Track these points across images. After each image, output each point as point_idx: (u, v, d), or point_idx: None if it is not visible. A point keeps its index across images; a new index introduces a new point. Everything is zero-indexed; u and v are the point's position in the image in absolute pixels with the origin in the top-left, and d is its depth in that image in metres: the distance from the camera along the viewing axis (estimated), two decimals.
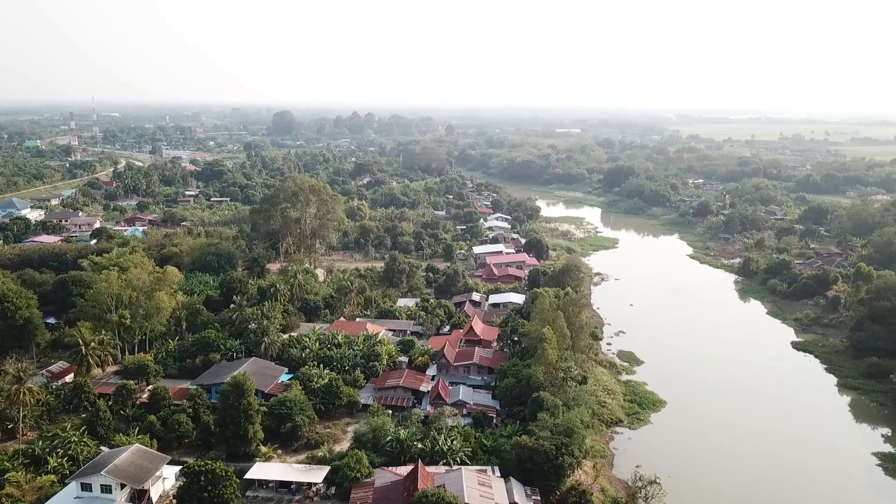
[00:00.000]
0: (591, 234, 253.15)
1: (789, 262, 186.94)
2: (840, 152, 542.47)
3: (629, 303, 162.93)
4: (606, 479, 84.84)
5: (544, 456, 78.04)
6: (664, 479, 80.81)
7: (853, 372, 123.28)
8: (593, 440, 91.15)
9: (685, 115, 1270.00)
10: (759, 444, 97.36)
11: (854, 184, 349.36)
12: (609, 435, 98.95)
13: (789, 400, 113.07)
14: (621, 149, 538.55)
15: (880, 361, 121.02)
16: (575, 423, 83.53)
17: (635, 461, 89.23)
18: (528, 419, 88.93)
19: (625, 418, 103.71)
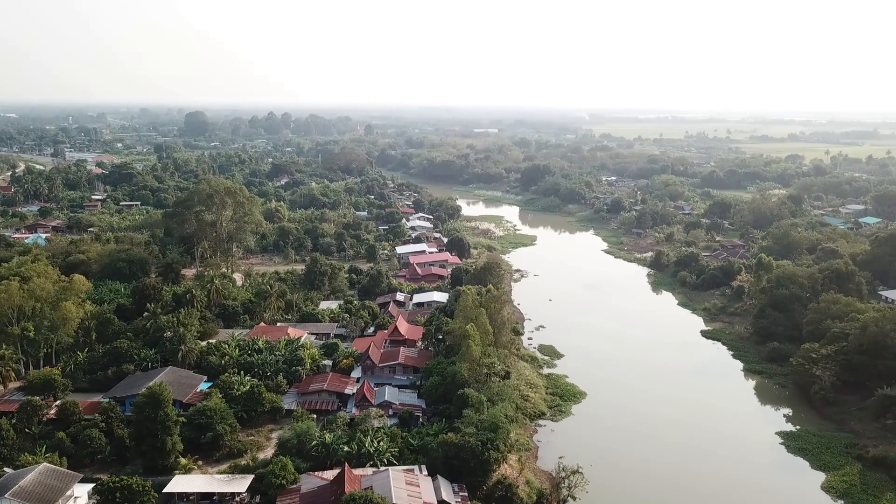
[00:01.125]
0: (511, 231, 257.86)
1: (697, 254, 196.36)
2: (741, 149, 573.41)
3: (548, 298, 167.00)
4: (531, 472, 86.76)
5: (470, 452, 79.13)
6: (586, 468, 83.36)
7: (757, 357, 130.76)
8: (518, 434, 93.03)
9: (598, 114, 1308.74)
10: (674, 428, 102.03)
11: (754, 179, 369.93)
12: (533, 428, 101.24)
13: (700, 385, 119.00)
14: (537, 148, 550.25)
15: (781, 346, 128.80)
16: (499, 418, 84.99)
17: (558, 452, 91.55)
18: (454, 416, 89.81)
19: (547, 411, 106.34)
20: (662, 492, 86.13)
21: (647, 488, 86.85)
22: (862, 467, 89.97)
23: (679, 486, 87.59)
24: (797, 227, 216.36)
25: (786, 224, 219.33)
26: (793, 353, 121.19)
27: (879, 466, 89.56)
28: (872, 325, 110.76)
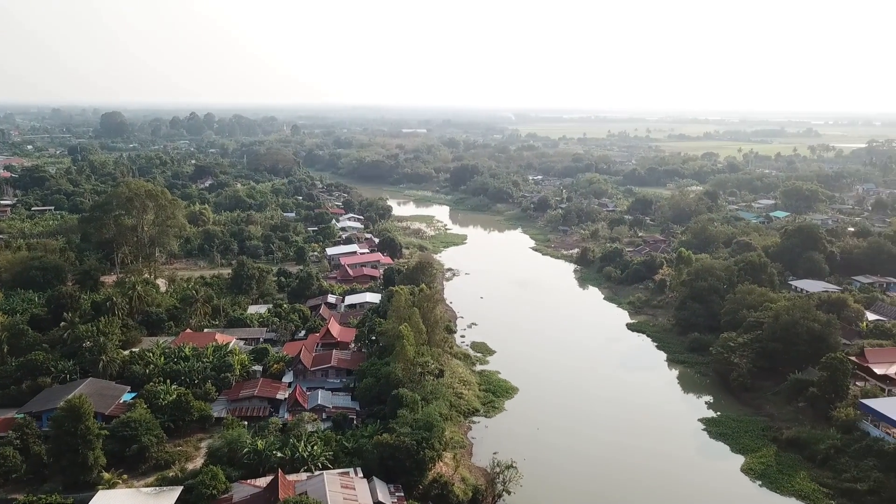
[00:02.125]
0: (442, 231, 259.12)
1: (621, 250, 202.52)
2: (660, 148, 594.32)
3: (480, 295, 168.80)
4: (466, 469, 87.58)
5: (406, 452, 79.21)
6: (520, 462, 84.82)
7: (679, 347, 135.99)
8: (452, 431, 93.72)
9: (523, 114, 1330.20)
10: (603, 419, 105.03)
11: (673, 176, 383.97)
12: (467, 425, 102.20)
13: (627, 377, 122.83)
14: (465, 148, 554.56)
15: (701, 336, 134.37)
16: (434, 416, 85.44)
17: (493, 448, 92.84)
18: (389, 417, 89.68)
19: (481, 407, 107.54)
20: (594, 481, 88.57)
21: (579, 478, 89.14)
22: (777, 449, 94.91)
23: (609, 474, 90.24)
24: (714, 221, 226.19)
25: (703, 219, 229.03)
26: (712, 343, 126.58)
27: (793, 447, 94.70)
28: (784, 313, 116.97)
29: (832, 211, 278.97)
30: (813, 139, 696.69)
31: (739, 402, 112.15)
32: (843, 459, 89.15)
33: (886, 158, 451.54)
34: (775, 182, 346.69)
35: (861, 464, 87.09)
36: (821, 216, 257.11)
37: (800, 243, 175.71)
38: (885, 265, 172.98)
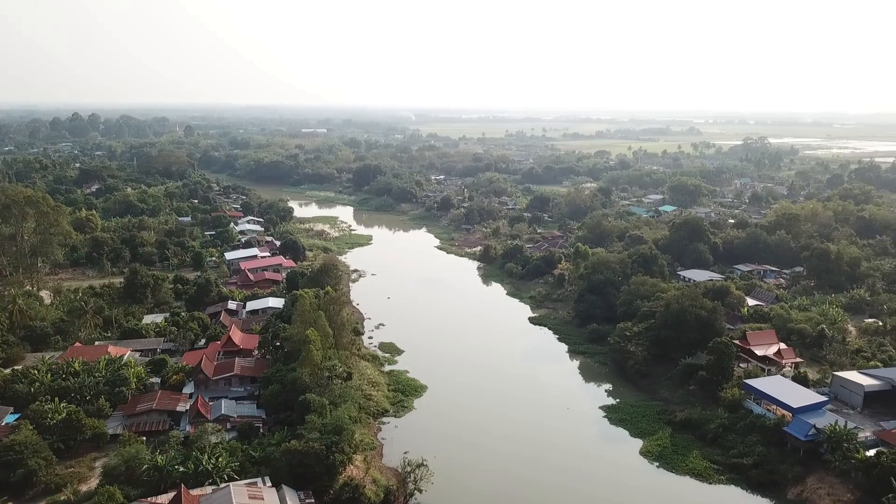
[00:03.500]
0: (346, 232, 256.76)
1: (522, 246, 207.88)
2: (555, 147, 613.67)
3: (387, 296, 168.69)
4: (377, 470, 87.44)
5: (315, 457, 78.24)
6: (431, 460, 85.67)
7: (579, 339, 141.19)
8: (362, 434, 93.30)
9: (423, 114, 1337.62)
10: (510, 412, 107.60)
11: (568, 174, 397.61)
12: (377, 426, 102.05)
13: (531, 369, 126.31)
14: (367, 148, 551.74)
15: (599, 327, 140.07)
16: (343, 420, 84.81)
17: (403, 448, 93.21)
18: (297, 423, 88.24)
19: (390, 408, 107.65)
20: (503, 473, 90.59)
21: (489, 472, 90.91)
22: (672, 430, 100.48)
23: (517, 465, 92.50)
24: (608, 217, 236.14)
25: (598, 215, 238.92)
26: (610, 333, 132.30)
27: (686, 428, 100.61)
28: (674, 302, 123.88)
29: (714, 204, 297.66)
30: (695, 137, 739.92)
31: (636, 388, 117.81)
32: (731, 437, 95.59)
33: (760, 154, 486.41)
34: (663, 178, 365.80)
35: (746, 440, 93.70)
36: (704, 209, 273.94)
37: (686, 235, 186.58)
38: (762, 254, 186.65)
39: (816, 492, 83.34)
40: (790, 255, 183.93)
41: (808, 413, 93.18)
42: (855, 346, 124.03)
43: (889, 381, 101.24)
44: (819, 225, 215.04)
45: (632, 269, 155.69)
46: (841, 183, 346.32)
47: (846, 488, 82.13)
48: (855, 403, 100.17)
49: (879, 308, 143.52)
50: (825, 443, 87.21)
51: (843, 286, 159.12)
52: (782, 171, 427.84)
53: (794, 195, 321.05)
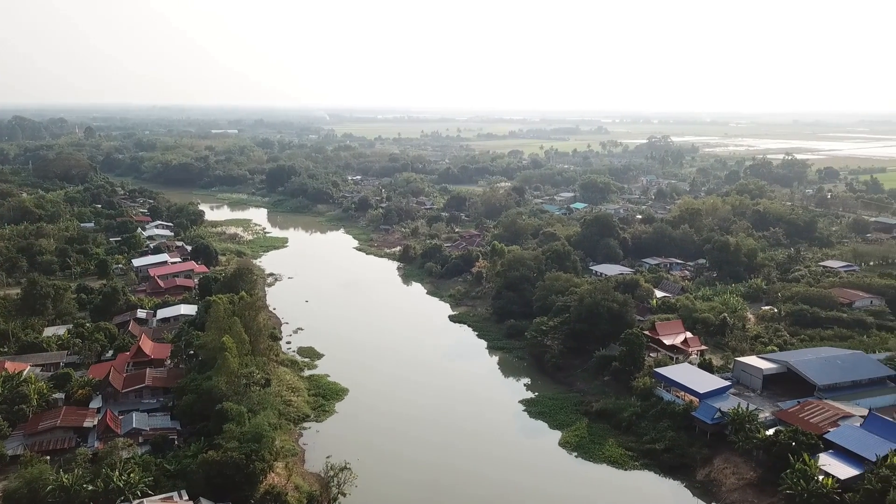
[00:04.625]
0: (260, 235, 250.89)
1: (440, 245, 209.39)
2: (470, 147, 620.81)
3: (305, 299, 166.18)
4: (300, 476, 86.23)
5: (234, 467, 76.32)
6: (354, 463, 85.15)
7: (498, 335, 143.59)
8: (283, 440, 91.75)
9: (337, 114, 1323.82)
10: (432, 409, 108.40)
11: (483, 174, 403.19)
12: (298, 432, 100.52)
13: (452, 367, 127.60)
14: (281, 149, 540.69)
15: (517, 323, 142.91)
16: (263, 427, 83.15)
17: (326, 452, 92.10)
18: (214, 433, 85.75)
19: (311, 413, 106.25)
20: (427, 471, 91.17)
21: (413, 470, 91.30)
22: (589, 421, 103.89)
23: (441, 463, 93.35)
24: (522, 215, 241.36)
25: (512, 213, 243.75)
26: (527, 328, 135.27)
27: (602, 418, 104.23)
28: (587, 296, 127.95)
29: (622, 201, 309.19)
30: (603, 136, 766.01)
31: (554, 381, 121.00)
32: (644, 424, 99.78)
33: (664, 152, 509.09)
34: (574, 176, 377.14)
35: (658, 426, 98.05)
36: (613, 206, 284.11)
37: (597, 232, 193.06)
38: (668, 247, 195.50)
39: (723, 471, 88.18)
40: (694, 247, 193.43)
41: (713, 398, 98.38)
42: (754, 332, 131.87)
43: (785, 364, 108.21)
44: (719, 219, 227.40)
45: (546, 265, 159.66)
46: (738, 179, 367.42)
47: (749, 466, 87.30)
48: (755, 386, 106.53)
49: (774, 296, 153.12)
50: (729, 425, 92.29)
51: (741, 276, 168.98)
52: (684, 168, 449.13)
53: (695, 191, 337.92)
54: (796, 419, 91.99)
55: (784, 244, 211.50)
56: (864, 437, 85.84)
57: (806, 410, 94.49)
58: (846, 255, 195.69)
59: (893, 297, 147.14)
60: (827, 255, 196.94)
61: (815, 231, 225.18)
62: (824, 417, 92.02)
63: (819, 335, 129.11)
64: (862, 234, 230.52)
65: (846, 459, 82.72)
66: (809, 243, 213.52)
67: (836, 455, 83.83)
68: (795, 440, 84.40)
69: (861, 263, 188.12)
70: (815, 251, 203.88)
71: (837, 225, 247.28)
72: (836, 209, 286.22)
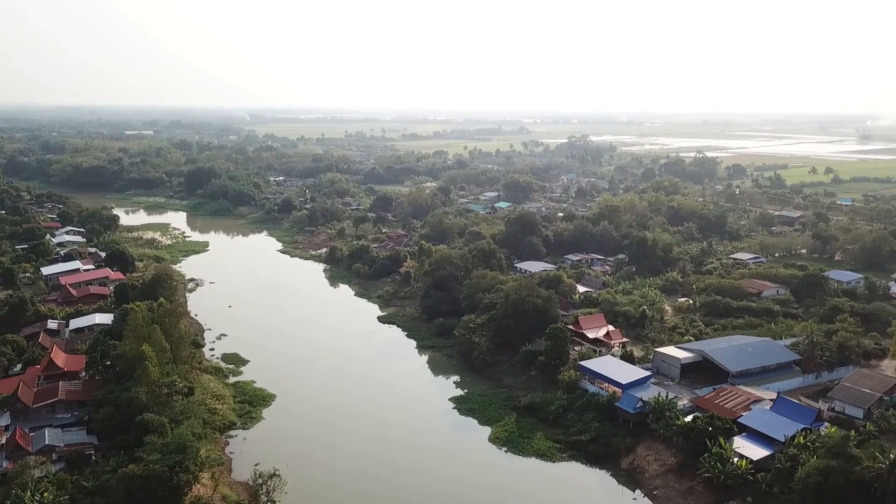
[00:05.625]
0: (180, 239, 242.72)
1: (367, 246, 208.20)
2: (395, 147, 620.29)
3: (228, 304, 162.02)
4: (227, 486, 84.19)
5: (157, 480, 73.76)
6: (283, 469, 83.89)
7: (427, 334, 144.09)
8: (208, 450, 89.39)
9: (258, 114, 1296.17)
10: (362, 411, 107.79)
11: (409, 174, 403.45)
12: (224, 441, 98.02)
13: (382, 368, 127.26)
14: (199, 150, 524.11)
15: (446, 321, 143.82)
16: (186, 437, 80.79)
17: (254, 460, 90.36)
18: (135, 446, 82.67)
19: (238, 420, 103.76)
20: (358, 474, 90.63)
21: (344, 474, 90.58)
22: (517, 415, 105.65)
23: (372, 465, 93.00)
24: (448, 214, 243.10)
25: (439, 213, 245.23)
26: (455, 326, 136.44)
27: (529, 412, 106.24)
28: (513, 293, 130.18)
29: (545, 199, 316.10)
30: (525, 136, 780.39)
31: (483, 377, 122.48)
32: (570, 416, 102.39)
33: (583, 152, 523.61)
34: (497, 175, 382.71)
35: (583, 417, 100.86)
36: (536, 204, 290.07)
37: (521, 230, 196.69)
38: (588, 244, 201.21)
39: (645, 458, 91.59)
40: (613, 243, 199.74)
41: (635, 388, 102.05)
42: (671, 323, 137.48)
43: (700, 353, 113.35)
44: (636, 215, 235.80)
45: (473, 263, 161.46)
46: (653, 176, 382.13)
47: (670, 453, 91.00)
48: (674, 375, 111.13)
49: (689, 288, 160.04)
50: (651, 413, 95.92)
51: (659, 270, 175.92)
52: (603, 167, 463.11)
53: (614, 188, 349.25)
54: (712, 405, 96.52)
55: (697, 238, 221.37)
56: (774, 419, 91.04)
57: (721, 396, 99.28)
58: (754, 247, 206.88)
59: (797, 286, 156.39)
60: (737, 248, 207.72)
61: (725, 225, 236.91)
62: (737, 402, 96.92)
63: (731, 324, 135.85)
64: (768, 228, 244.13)
65: (758, 441, 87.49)
66: (720, 237, 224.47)
67: (749, 437, 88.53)
68: (712, 425, 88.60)
69: (767, 255, 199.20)
70: (725, 244, 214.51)
71: (745, 219, 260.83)
72: (744, 204, 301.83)
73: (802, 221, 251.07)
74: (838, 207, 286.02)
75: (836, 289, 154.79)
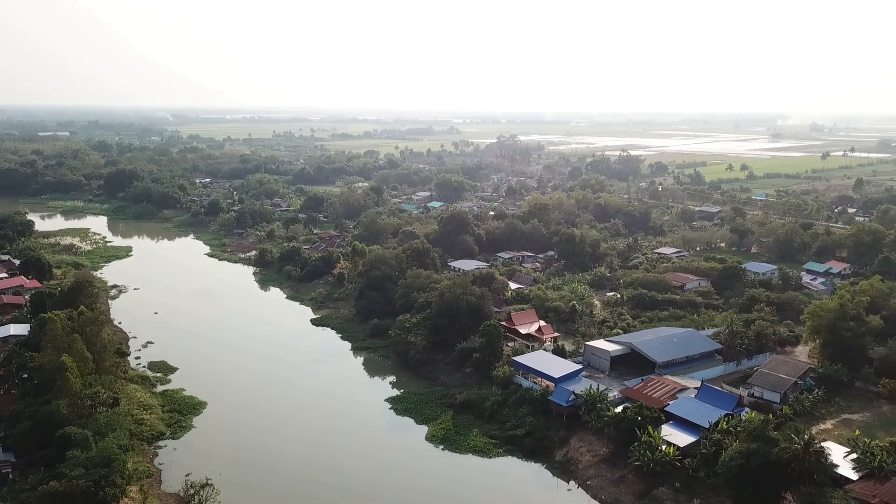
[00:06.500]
0: (101, 244, 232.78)
1: (299, 248, 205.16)
2: (325, 147, 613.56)
3: (154, 311, 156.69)
4: (156, 498, 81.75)
5: (81, 496, 70.89)
6: (216, 478, 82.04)
7: (362, 335, 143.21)
8: (136, 462, 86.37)
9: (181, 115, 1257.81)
10: (297, 416, 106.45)
11: (340, 174, 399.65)
12: (153, 452, 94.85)
13: (316, 371, 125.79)
14: (120, 152, 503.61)
15: (380, 322, 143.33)
16: (112, 450, 77.91)
17: (185, 470, 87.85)
18: (56, 461, 79.20)
19: (167, 430, 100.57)
20: (293, 478, 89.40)
21: (279, 480, 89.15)
22: (453, 413, 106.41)
23: (309, 469, 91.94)
24: (381, 214, 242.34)
25: (372, 213, 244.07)
26: (391, 327, 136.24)
27: (465, 409, 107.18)
28: (447, 291, 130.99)
29: (476, 198, 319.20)
30: (456, 136, 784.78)
31: (419, 376, 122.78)
32: (505, 411, 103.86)
33: (512, 151, 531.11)
34: (429, 175, 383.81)
35: (518, 412, 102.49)
36: (468, 204, 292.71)
37: (454, 229, 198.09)
38: (519, 242, 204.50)
39: (578, 450, 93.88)
40: (543, 241, 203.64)
41: (567, 381, 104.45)
42: (600, 317, 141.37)
43: (629, 345, 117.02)
44: (565, 213, 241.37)
45: (407, 263, 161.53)
46: (580, 175, 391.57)
47: (602, 443, 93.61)
48: (604, 368, 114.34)
49: (617, 282, 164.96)
50: (583, 406, 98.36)
51: (587, 265, 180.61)
52: (532, 166, 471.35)
53: (542, 187, 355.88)
54: (641, 395, 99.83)
55: (623, 234, 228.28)
56: (699, 406, 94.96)
57: (649, 386, 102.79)
58: (676, 241, 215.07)
59: (717, 278, 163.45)
60: (661, 243, 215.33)
61: (649, 221, 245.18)
62: (664, 392, 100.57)
63: (657, 316, 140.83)
64: (689, 223, 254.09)
65: (684, 428, 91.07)
66: (645, 232, 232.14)
67: (676, 425, 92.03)
68: (641, 415, 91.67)
69: (689, 249, 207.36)
70: (650, 240, 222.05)
71: (668, 215, 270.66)
72: (667, 200, 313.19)
73: (721, 216, 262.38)
74: (753, 202, 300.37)
75: (753, 280, 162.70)
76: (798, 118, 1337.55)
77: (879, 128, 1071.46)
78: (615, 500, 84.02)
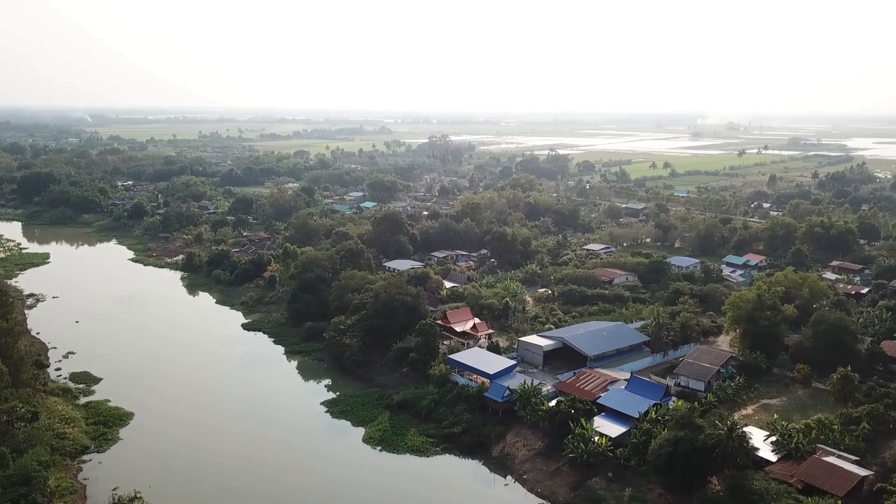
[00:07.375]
0: (15, 251, 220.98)
1: (228, 251, 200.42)
2: (254, 147, 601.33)
3: (75, 320, 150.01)
4: None
5: None
6: (145, 491, 79.54)
7: (296, 338, 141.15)
8: (59, 478, 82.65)
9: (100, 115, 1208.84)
10: (229, 423, 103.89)
11: (269, 175, 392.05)
12: (76, 467, 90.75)
13: (248, 377, 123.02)
14: (34, 154, 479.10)
15: (314, 325, 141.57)
16: (31, 467, 74.76)
17: (112, 484, 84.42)
18: None
19: (91, 443, 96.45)
20: (226, 488, 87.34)
21: (212, 489, 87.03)
22: (390, 413, 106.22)
23: (242, 477, 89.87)
24: (313, 215, 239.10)
25: (303, 214, 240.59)
26: (325, 329, 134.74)
27: (402, 409, 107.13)
28: (382, 291, 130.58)
29: (409, 198, 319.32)
30: (387, 136, 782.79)
31: (355, 378, 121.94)
32: (442, 410, 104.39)
33: (444, 151, 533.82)
34: (362, 175, 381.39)
35: (455, 410, 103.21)
36: (401, 203, 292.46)
37: (388, 229, 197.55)
38: (453, 240, 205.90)
39: (514, 445, 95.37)
40: (476, 239, 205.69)
41: (502, 377, 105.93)
42: (533, 313, 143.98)
43: (560, 339, 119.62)
44: (497, 212, 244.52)
45: (341, 264, 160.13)
46: (510, 174, 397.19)
47: (537, 437, 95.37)
48: (537, 363, 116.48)
49: (548, 279, 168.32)
50: (518, 401, 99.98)
51: (519, 263, 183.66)
52: (463, 166, 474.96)
53: (474, 186, 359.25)
54: (573, 388, 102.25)
55: (553, 232, 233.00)
56: (629, 397, 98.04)
57: (581, 380, 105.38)
58: (604, 238, 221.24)
59: (643, 272, 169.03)
60: (589, 240, 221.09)
61: (578, 218, 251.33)
62: (596, 384, 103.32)
63: (587, 311, 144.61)
64: (616, 219, 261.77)
65: (616, 419, 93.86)
66: (574, 230, 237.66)
67: (607, 417, 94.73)
68: (574, 408, 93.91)
69: (617, 245, 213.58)
70: (579, 236, 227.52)
71: (596, 212, 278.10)
72: (594, 198, 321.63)
73: (646, 213, 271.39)
74: (676, 199, 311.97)
75: (677, 273, 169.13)
76: (715, 117, 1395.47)
77: (790, 126, 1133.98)
78: (551, 493, 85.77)
